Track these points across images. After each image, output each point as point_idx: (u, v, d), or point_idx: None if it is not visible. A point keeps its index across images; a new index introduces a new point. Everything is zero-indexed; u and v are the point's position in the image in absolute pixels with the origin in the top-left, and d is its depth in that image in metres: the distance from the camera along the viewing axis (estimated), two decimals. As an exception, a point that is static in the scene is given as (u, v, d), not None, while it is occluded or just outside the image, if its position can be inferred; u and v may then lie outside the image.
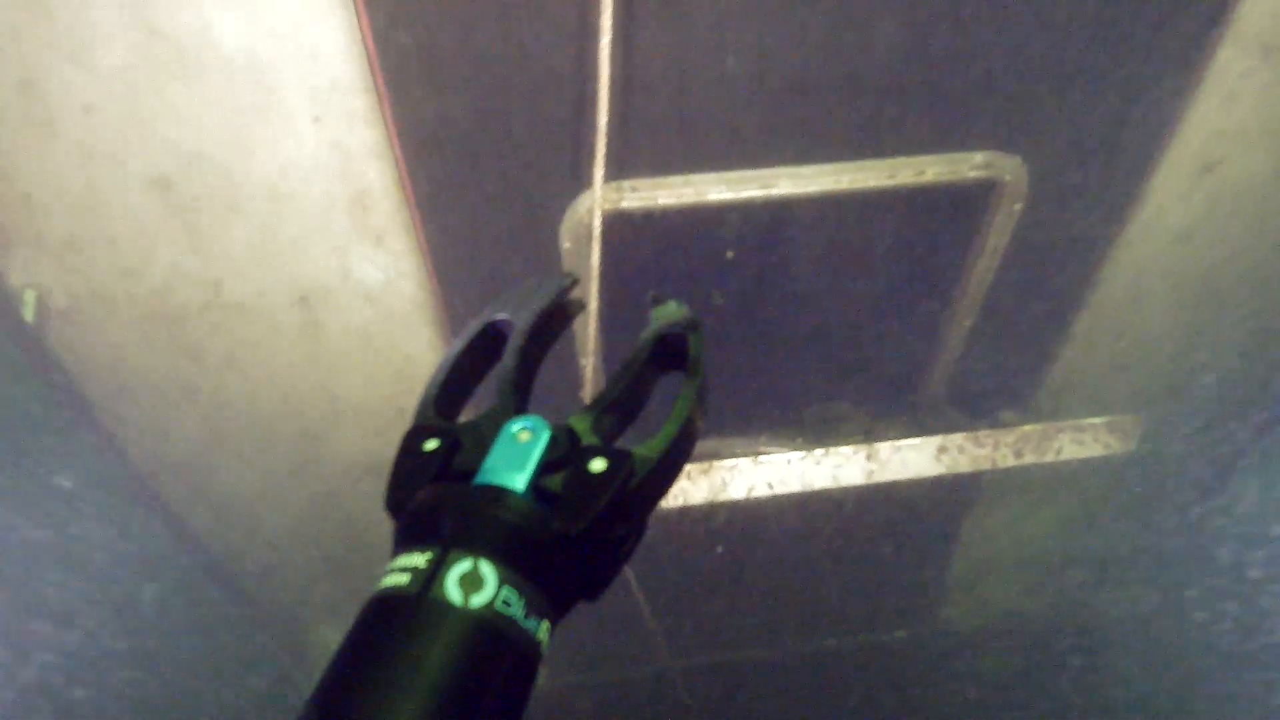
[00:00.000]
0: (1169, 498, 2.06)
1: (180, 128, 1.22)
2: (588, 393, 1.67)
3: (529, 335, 0.59)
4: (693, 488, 1.35)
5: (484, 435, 0.51)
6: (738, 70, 1.25)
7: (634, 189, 1.37)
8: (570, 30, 1.15)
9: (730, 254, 1.38)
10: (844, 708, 2.79)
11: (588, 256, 1.38)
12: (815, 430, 1.94)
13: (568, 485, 0.48)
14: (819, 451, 1.28)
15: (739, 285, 1.55)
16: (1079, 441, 1.19)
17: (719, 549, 1.69)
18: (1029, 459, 1.20)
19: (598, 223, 1.32)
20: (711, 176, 1.38)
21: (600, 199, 1.30)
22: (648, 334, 0.60)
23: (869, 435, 1.81)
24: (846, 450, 1.24)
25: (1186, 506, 2.13)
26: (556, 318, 0.64)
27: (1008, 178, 1.46)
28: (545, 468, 0.49)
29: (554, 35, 1.16)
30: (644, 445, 0.51)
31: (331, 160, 1.29)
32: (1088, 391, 2.06)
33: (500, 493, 0.47)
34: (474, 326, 0.61)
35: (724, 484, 1.28)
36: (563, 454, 0.50)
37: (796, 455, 1.30)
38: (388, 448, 0.54)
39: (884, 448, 1.17)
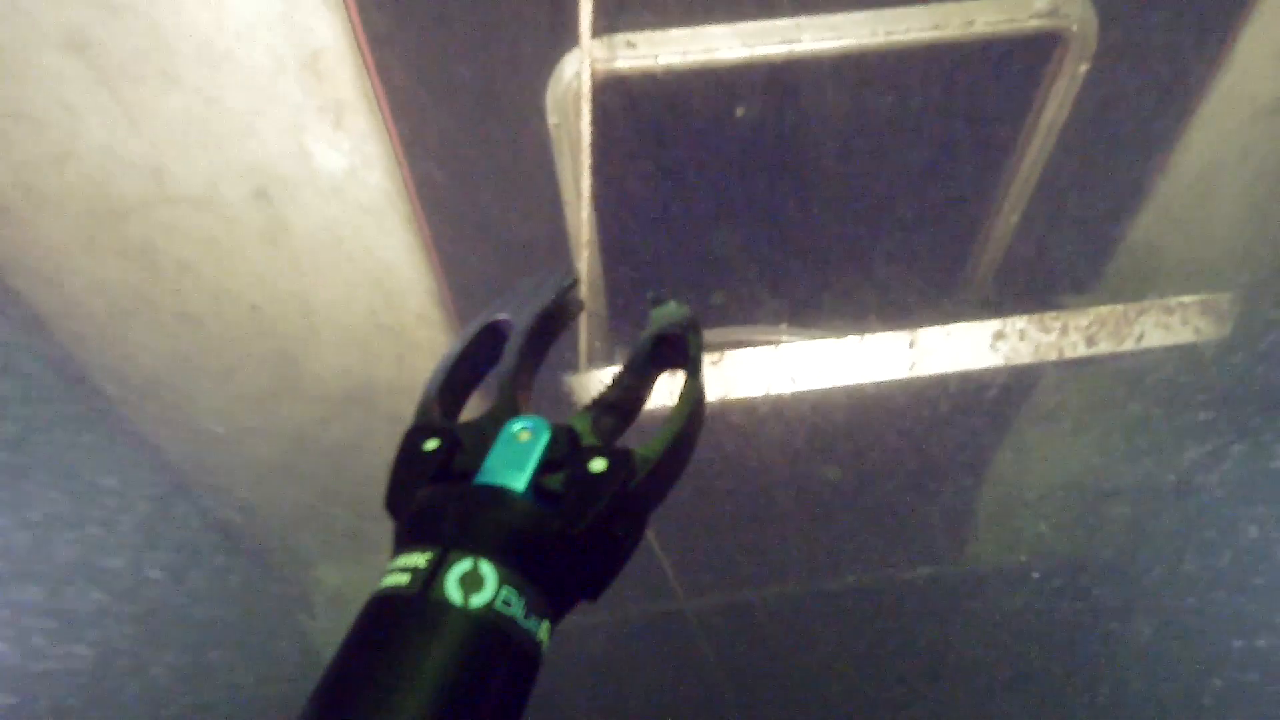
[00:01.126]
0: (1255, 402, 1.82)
1: (92, -31, 1.03)
2: (585, 286, 1.49)
3: (529, 335, 0.59)
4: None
5: (484, 435, 0.51)
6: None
7: (630, 44, 1.17)
8: None
9: (742, 112, 1.17)
10: (862, 649, 2.67)
11: (578, 132, 1.19)
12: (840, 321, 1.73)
13: (568, 485, 0.48)
14: (853, 337, 1.09)
15: (756, 156, 1.35)
16: (1165, 325, 1.00)
17: (729, 458, 1.52)
18: (1104, 347, 1.01)
19: (587, 86, 1.13)
20: (722, 29, 1.17)
21: (589, 57, 1.10)
22: (647, 334, 0.61)
23: (914, 317, 1.61)
24: (884, 335, 1.05)
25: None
26: (557, 317, 0.63)
27: (1074, 28, 1.24)
28: (545, 467, 0.49)
29: None
30: (645, 445, 0.51)
31: (274, 11, 1.10)
32: (1154, 282, 1.84)
33: (500, 493, 0.47)
34: (474, 326, 0.61)
35: (737, 377, 1.10)
36: (563, 453, 0.50)
37: (825, 342, 1.10)
38: (371, 369, 0.39)
39: (930, 333, 0.99)
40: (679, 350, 0.60)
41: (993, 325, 0.99)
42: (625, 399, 0.57)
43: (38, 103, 1.15)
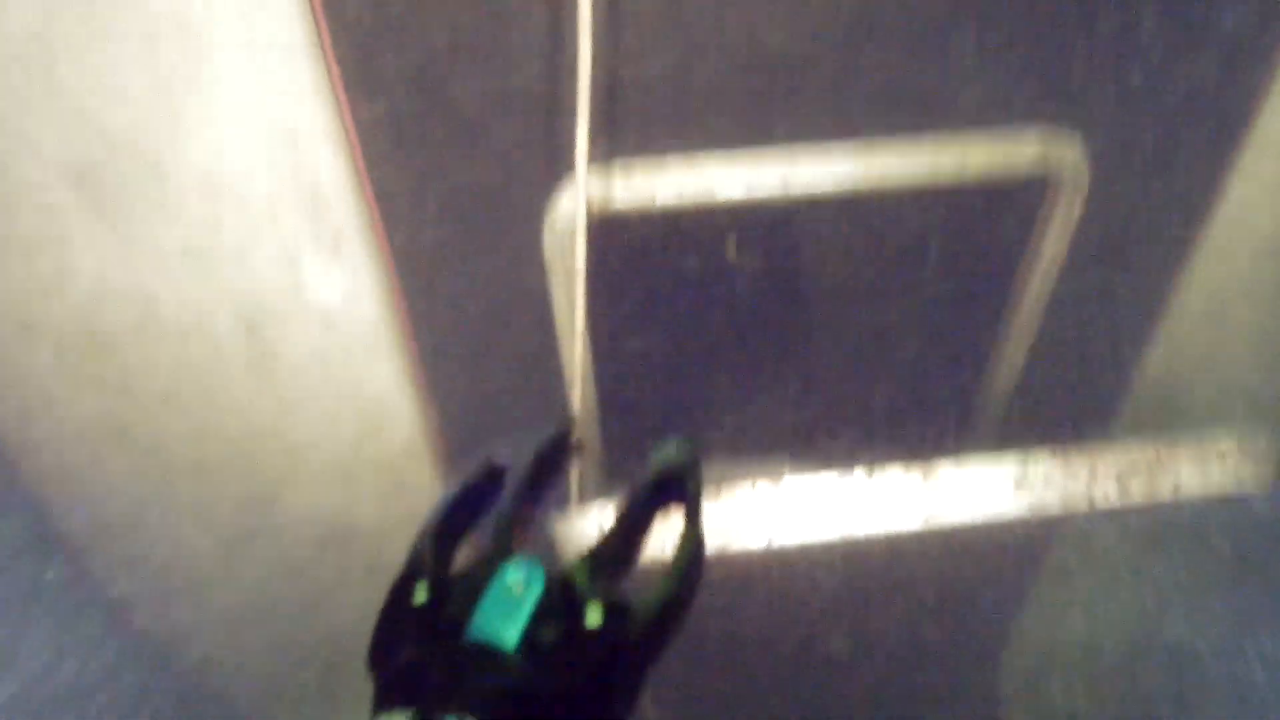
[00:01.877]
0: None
1: (101, 104, 1.06)
2: (579, 417, 1.42)
3: (527, 478, 0.59)
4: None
5: (477, 583, 0.50)
6: (743, 30, 1.07)
7: (626, 174, 1.18)
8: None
9: (733, 255, 1.17)
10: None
11: (574, 266, 1.17)
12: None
13: (561, 640, 0.47)
14: (860, 475, 1.01)
15: (755, 292, 1.33)
16: (1203, 470, 0.91)
17: (720, 616, 1.38)
18: (1137, 495, 0.92)
19: (582, 217, 1.12)
20: (719, 165, 1.19)
21: (585, 190, 1.10)
22: (645, 475, 0.61)
23: (922, 455, 1.52)
24: (894, 474, 0.97)
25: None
26: (556, 460, 0.64)
27: (1066, 172, 1.25)
28: (539, 618, 0.48)
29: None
30: (642, 597, 0.51)
31: (277, 145, 1.12)
32: (1174, 419, 1.77)
33: (489, 651, 0.46)
34: (472, 470, 0.61)
35: (734, 524, 1.01)
36: (558, 604, 0.49)
37: (829, 479, 1.01)
38: (351, 509, 0.34)
39: (944, 473, 0.90)
40: (679, 491, 0.60)
41: (1014, 464, 0.91)
42: (623, 543, 0.57)
43: (32, 233, 1.15)
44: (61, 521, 1.49)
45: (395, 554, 0.57)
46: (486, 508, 0.59)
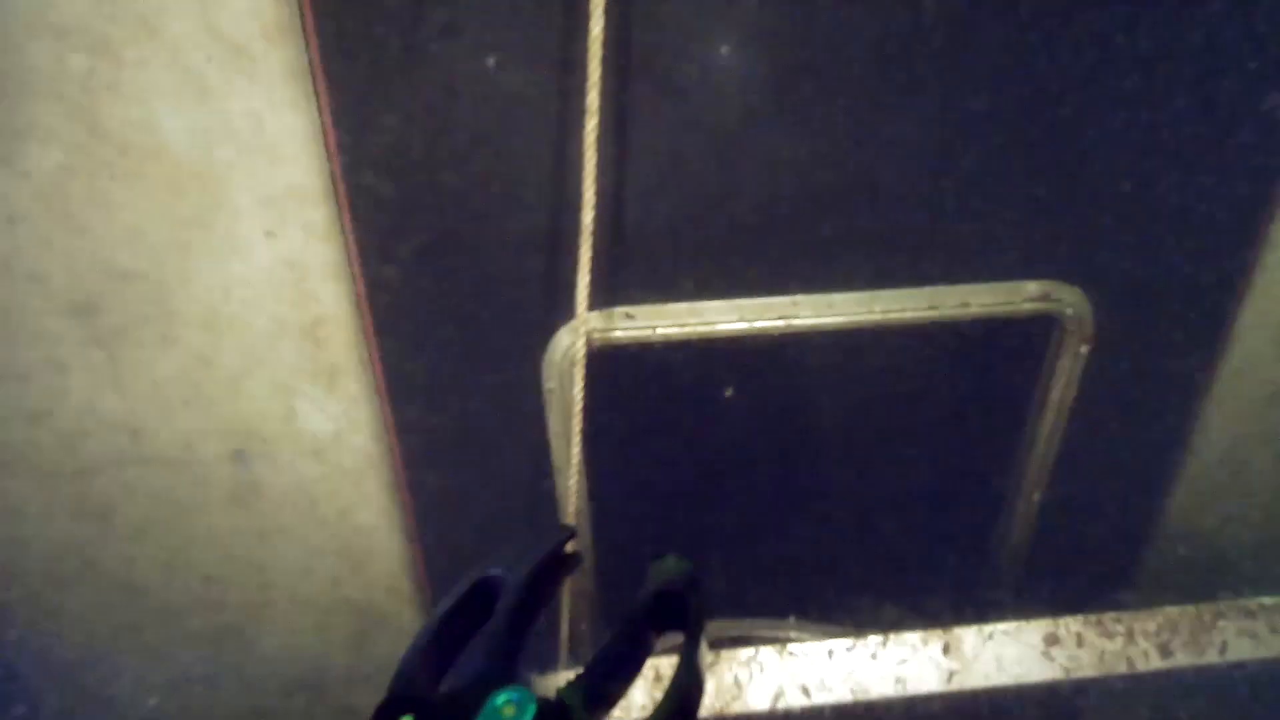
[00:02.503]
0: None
1: (116, 243, 1.08)
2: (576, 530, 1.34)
3: (522, 593, 0.56)
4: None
5: (466, 708, 0.48)
6: (748, 181, 1.10)
7: (628, 316, 1.18)
8: (553, 119, 1.02)
9: (730, 392, 1.15)
10: None
11: (572, 400, 1.15)
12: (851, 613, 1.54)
13: None
14: (875, 639, 0.92)
15: (757, 429, 1.30)
16: (1249, 632, 0.83)
17: None
18: (1180, 659, 0.84)
19: (581, 358, 1.11)
20: (721, 304, 1.19)
21: (585, 330, 1.10)
22: (644, 592, 0.59)
23: (943, 618, 1.42)
24: (913, 639, 0.89)
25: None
26: (553, 573, 0.61)
27: (1069, 312, 1.25)
28: None
29: (535, 126, 1.03)
30: None
31: (283, 281, 1.13)
32: (1194, 587, 1.67)
33: None
34: (464, 583, 0.58)
35: (738, 686, 0.91)
36: None
37: (843, 644, 0.93)
38: (327, 649, 0.31)
39: (968, 635, 0.83)
40: (679, 610, 0.57)
41: (1043, 626, 0.84)
42: (619, 665, 0.54)
43: (28, 360, 1.14)
44: (23, 658, 1.39)
45: (368, 701, 0.51)
46: (480, 622, 0.55)
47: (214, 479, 1.30)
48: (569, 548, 0.64)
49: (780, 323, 1.20)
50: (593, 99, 0.90)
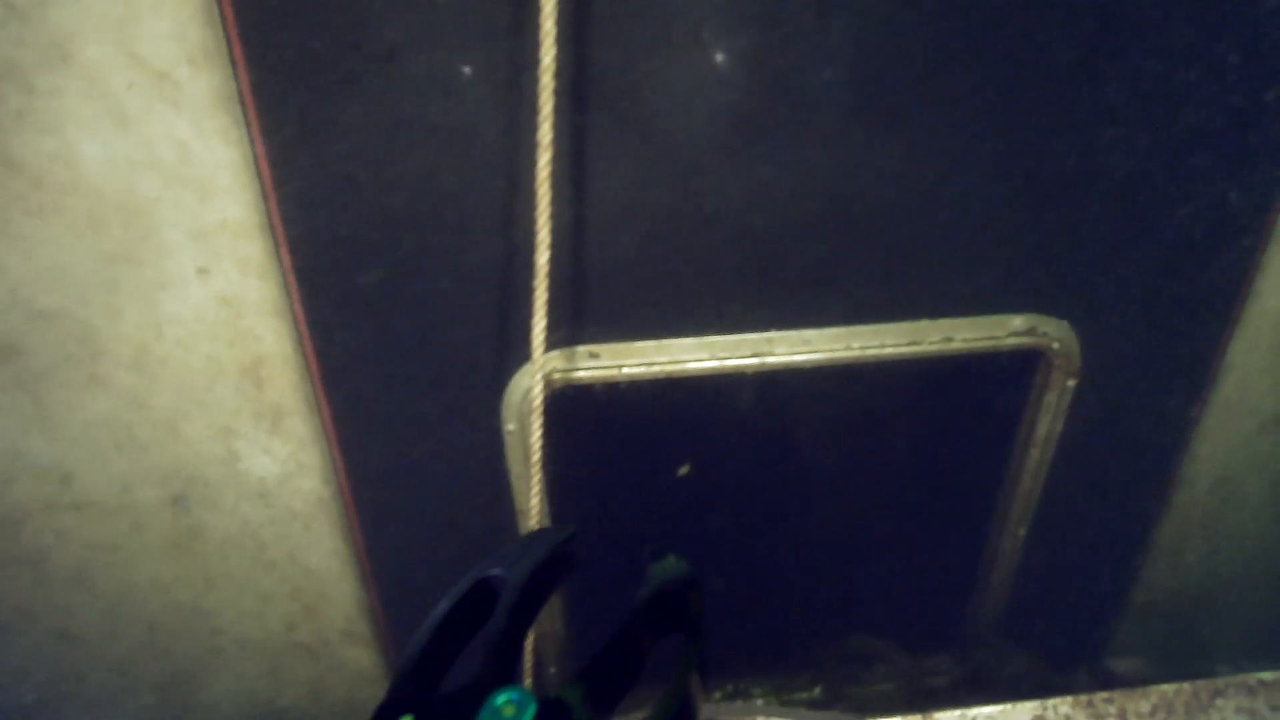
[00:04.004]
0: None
1: (36, 281, 1.00)
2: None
3: (522, 594, 0.55)
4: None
5: (465, 709, 0.48)
6: (718, 213, 1.04)
7: (593, 356, 1.11)
8: (504, 149, 0.95)
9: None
10: None
11: (533, 442, 1.08)
12: (836, 675, 1.49)
13: None
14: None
15: (725, 470, 1.23)
16: (1250, 711, 0.78)
17: None
18: (1175, 735, 0.79)
19: (538, 402, 1.04)
20: (689, 342, 1.13)
21: (544, 372, 1.03)
22: (644, 591, 0.58)
23: (914, 686, 1.37)
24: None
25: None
26: (553, 573, 0.60)
27: (1055, 346, 1.20)
28: None
29: (485, 157, 0.96)
30: None
31: (219, 319, 1.05)
32: (1180, 619, 1.63)
33: None
34: (463, 583, 0.57)
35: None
36: None
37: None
38: (278, 696, 0.24)
39: (950, 719, 0.77)
40: (679, 610, 0.58)
41: (1030, 709, 0.78)
42: (620, 665, 0.53)
43: (-55, 406, 1.06)
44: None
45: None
46: (479, 623, 0.55)
47: (153, 524, 1.22)
48: (569, 547, 0.62)
49: (754, 360, 1.13)
50: (545, 132, 0.83)
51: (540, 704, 0.47)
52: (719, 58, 0.93)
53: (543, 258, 0.91)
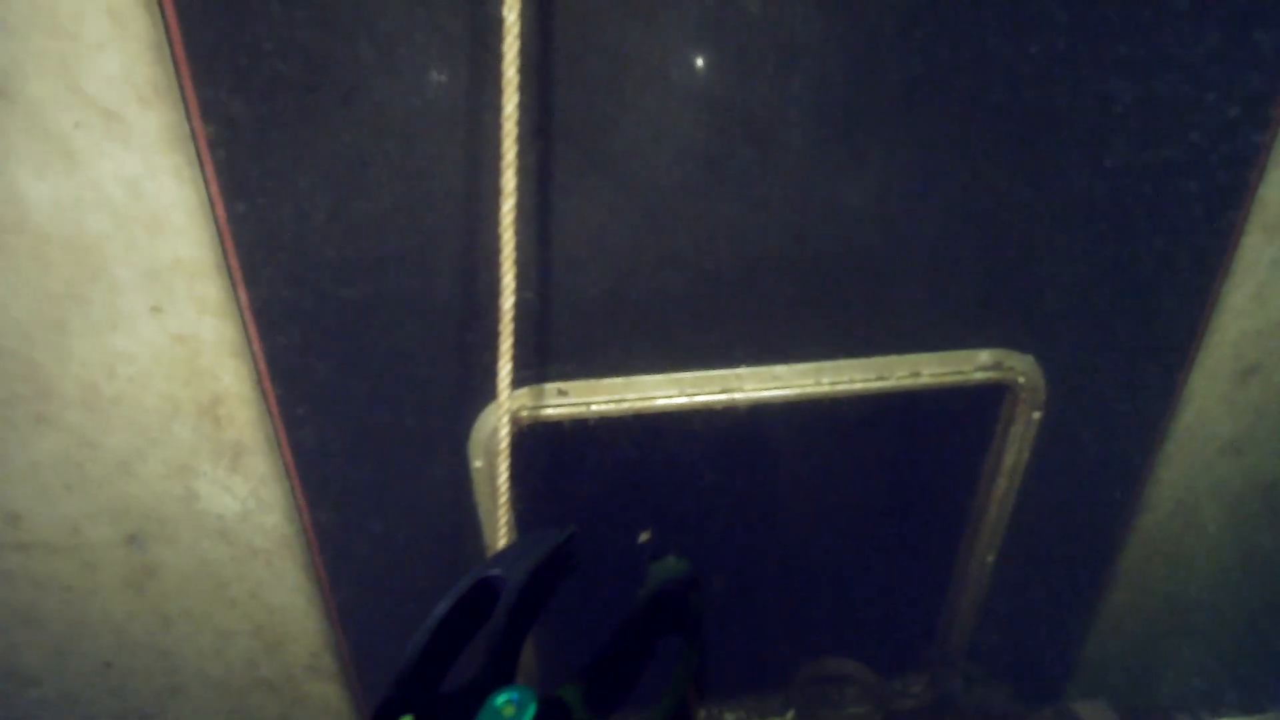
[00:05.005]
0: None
1: (-22, 318, 0.96)
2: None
3: (522, 594, 0.54)
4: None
5: (466, 708, 0.47)
6: (684, 250, 1.03)
7: (562, 393, 1.10)
8: (466, 192, 0.93)
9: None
10: None
11: (499, 479, 1.07)
12: (808, 697, 1.50)
13: None
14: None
15: (698, 508, 1.23)
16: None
17: None
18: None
19: (505, 440, 1.03)
20: (658, 378, 1.12)
21: (510, 411, 1.02)
22: (644, 592, 0.58)
23: (885, 709, 1.38)
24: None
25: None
26: (553, 574, 0.59)
27: (1021, 380, 1.21)
28: None
29: (447, 200, 0.94)
30: None
31: (175, 358, 1.02)
32: (1144, 640, 1.66)
33: None
34: (463, 583, 0.56)
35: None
36: None
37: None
38: None
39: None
40: (679, 610, 0.57)
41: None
42: (620, 666, 0.53)
43: (-119, 447, 1.02)
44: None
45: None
46: (479, 623, 0.55)
47: (106, 563, 1.18)
48: (570, 547, 0.61)
49: (723, 396, 1.13)
50: (509, 179, 0.81)
51: (540, 704, 0.47)
52: (684, 99, 0.92)
53: (508, 302, 0.89)
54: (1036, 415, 1.26)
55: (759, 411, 1.16)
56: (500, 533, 1.12)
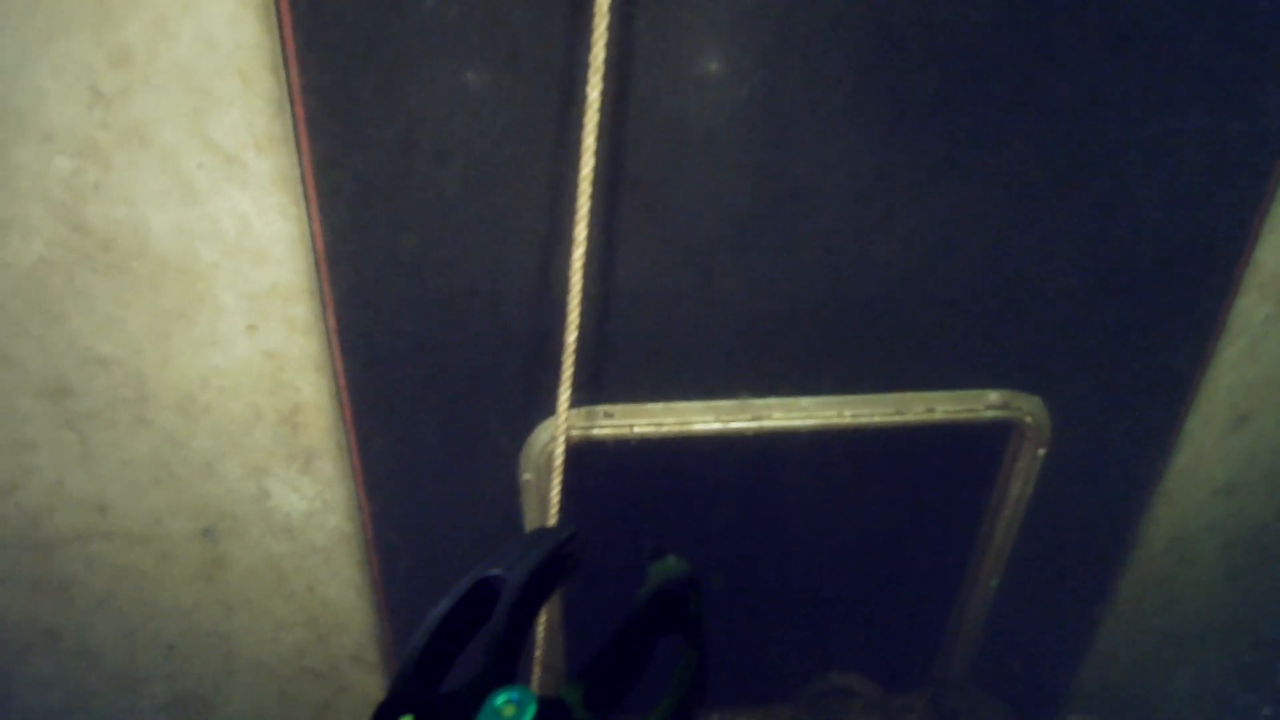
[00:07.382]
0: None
1: (94, 331, 1.07)
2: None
3: (522, 593, 0.54)
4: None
5: (465, 708, 0.47)
6: (727, 293, 1.14)
7: (608, 415, 1.20)
8: (539, 239, 1.05)
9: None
10: None
11: (549, 491, 1.17)
12: (816, 710, 1.59)
13: None
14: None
15: (724, 526, 1.33)
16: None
17: None
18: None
19: (560, 455, 1.13)
20: (696, 405, 1.22)
21: (565, 427, 1.12)
22: (644, 591, 0.57)
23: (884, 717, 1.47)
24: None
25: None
26: (553, 574, 0.59)
27: (1028, 419, 1.31)
28: None
29: (521, 245, 1.06)
30: None
31: (263, 371, 1.13)
32: (1138, 669, 1.75)
33: None
34: (464, 583, 0.57)
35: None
36: None
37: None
38: (289, 717, 0.32)
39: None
40: (680, 610, 0.57)
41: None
42: (620, 666, 0.53)
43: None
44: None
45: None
46: (479, 623, 0.55)
47: (180, 554, 1.29)
48: (570, 547, 0.61)
49: (753, 423, 1.23)
50: (580, 231, 0.92)
51: (540, 704, 0.47)
52: (732, 164, 1.03)
53: (571, 335, 1.00)
54: (1041, 452, 1.36)
55: (785, 439, 1.26)
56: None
